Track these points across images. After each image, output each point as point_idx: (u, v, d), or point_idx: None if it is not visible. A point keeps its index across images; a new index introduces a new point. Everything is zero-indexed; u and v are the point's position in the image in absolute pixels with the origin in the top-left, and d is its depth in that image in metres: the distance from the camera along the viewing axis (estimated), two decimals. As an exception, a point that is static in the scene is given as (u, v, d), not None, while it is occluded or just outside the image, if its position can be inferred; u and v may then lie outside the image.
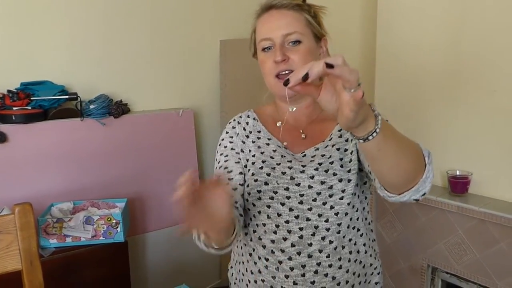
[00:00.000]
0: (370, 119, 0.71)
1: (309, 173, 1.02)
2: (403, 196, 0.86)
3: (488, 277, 1.80)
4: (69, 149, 2.09)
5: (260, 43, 1.07)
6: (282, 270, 1.03)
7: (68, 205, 1.95)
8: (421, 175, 0.84)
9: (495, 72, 1.79)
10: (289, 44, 1.04)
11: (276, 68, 1.04)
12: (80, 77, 2.18)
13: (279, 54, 1.02)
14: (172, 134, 2.42)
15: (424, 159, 0.85)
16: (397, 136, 0.79)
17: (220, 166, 1.11)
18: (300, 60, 1.03)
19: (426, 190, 0.86)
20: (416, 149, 0.84)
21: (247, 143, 1.13)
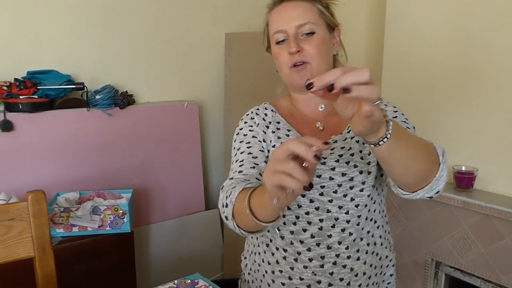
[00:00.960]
0: (382, 126, 0.71)
1: (330, 164, 1.03)
2: (416, 194, 0.88)
3: (492, 272, 1.82)
4: (75, 139, 2.08)
5: (274, 36, 1.07)
6: (301, 261, 1.04)
7: (74, 195, 1.95)
8: (435, 174, 0.85)
9: (502, 69, 1.80)
10: (303, 35, 1.04)
11: (291, 59, 1.04)
12: (86, 67, 2.16)
13: (293, 45, 1.02)
14: (177, 126, 2.41)
15: (438, 158, 0.86)
16: (409, 140, 0.79)
17: (242, 152, 1.08)
18: (314, 51, 1.03)
19: (439, 188, 0.88)
20: (429, 150, 0.85)
21: (268, 134, 1.12)
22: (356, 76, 0.61)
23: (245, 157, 1.06)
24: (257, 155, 1.07)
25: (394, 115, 1.07)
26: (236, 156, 1.10)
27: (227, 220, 0.94)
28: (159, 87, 2.46)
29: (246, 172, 1.01)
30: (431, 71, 2.03)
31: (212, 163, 2.73)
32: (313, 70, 1.04)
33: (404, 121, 1.06)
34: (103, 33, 2.21)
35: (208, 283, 1.14)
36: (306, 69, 1.04)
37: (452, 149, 1.99)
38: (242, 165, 1.04)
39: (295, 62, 1.03)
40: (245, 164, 1.04)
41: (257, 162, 1.05)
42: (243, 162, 1.05)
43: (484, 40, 1.83)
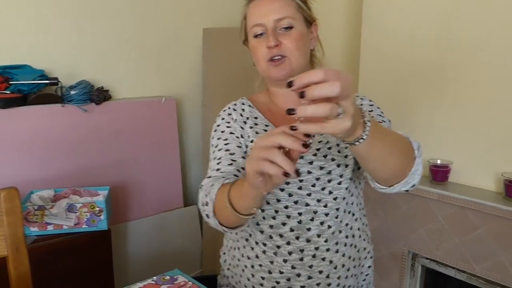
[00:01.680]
0: (358, 126, 0.71)
1: (308, 158, 1.03)
2: (393, 188, 0.90)
3: (466, 262, 1.86)
4: (49, 135, 2.03)
5: (251, 29, 1.07)
6: (280, 255, 1.04)
7: (49, 192, 1.90)
8: (411, 168, 0.86)
9: (477, 65, 1.83)
10: (281, 29, 1.04)
11: (269, 53, 1.04)
12: (60, 62, 2.12)
13: (272, 39, 1.02)
14: (154, 122, 2.39)
15: (414, 152, 0.87)
16: (386, 137, 0.80)
17: (220, 149, 1.08)
18: (293, 45, 1.03)
19: (415, 182, 0.90)
20: (405, 145, 0.86)
21: (246, 129, 1.12)
22: (326, 90, 0.60)
23: (222, 154, 1.06)
24: (234, 151, 1.07)
25: (370, 109, 1.08)
26: (214, 154, 1.09)
27: (209, 218, 0.94)
28: (136, 82, 2.42)
29: (224, 170, 1.01)
30: (407, 66, 2.06)
31: (190, 159, 2.71)
32: (291, 64, 1.04)
33: (379, 114, 1.07)
34: (78, 27, 2.16)
35: (188, 279, 1.13)
36: (285, 63, 1.04)
37: (428, 143, 2.02)
38: (220, 163, 1.04)
39: (273, 56, 1.03)
40: (223, 162, 1.04)
41: (235, 159, 1.05)
42: (220, 160, 1.05)
43: (460, 36, 1.87)
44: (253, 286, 1.09)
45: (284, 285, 1.05)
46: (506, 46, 1.74)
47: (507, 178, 1.75)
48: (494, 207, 1.73)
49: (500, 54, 1.76)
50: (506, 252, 1.74)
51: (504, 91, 1.76)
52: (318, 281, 1.04)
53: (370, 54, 2.21)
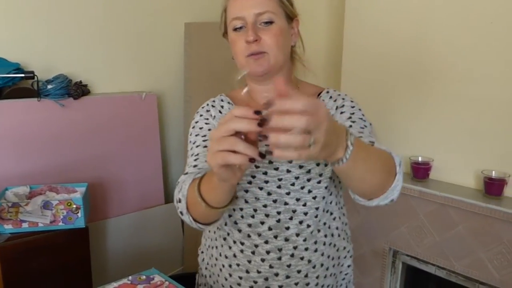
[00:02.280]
0: (339, 149, 0.71)
1: None
2: (372, 201, 0.90)
3: (446, 259, 1.87)
4: (25, 130, 1.98)
5: (231, 23, 1.04)
6: (258, 254, 1.02)
7: (24, 189, 1.86)
8: (391, 184, 0.86)
9: (457, 64, 1.84)
10: (261, 24, 1.01)
11: (248, 48, 1.01)
12: (37, 55, 2.06)
13: (251, 34, 0.99)
14: (134, 117, 2.35)
15: (395, 168, 0.87)
16: (368, 157, 0.80)
17: (197, 146, 1.06)
18: (272, 41, 1.00)
19: (394, 197, 0.89)
20: (386, 162, 0.86)
21: None
22: (292, 123, 0.60)
23: (200, 150, 1.04)
24: None
25: (351, 111, 1.06)
26: (191, 150, 1.07)
27: (183, 216, 0.93)
28: (115, 77, 2.38)
29: (201, 166, 0.99)
30: (389, 64, 2.05)
31: (171, 155, 2.67)
32: (270, 60, 1.01)
33: (361, 118, 1.05)
34: (56, 19, 2.11)
35: (164, 278, 1.10)
36: (264, 58, 1.01)
37: (409, 140, 2.03)
38: (197, 159, 1.02)
39: (252, 52, 1.01)
40: (200, 158, 1.02)
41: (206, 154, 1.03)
42: (198, 156, 1.03)
43: (441, 35, 1.87)
44: (231, 285, 1.07)
45: (262, 284, 1.03)
46: (486, 44, 1.75)
47: (486, 175, 1.76)
48: (474, 204, 1.74)
49: (481, 53, 1.77)
50: (485, 249, 1.75)
51: (485, 89, 1.77)
52: (296, 280, 1.02)
53: (352, 51, 2.20)
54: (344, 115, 1.04)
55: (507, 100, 1.72)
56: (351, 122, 1.03)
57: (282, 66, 1.05)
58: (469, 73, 1.81)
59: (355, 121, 1.03)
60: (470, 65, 1.81)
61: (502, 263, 1.72)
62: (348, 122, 1.02)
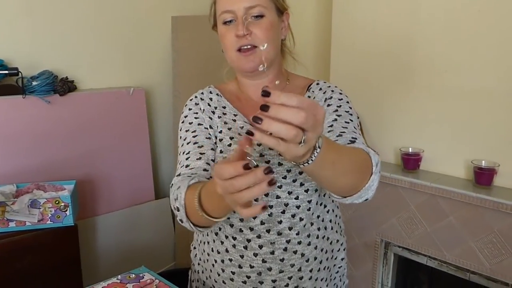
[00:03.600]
0: (307, 152, 0.67)
1: None
2: (346, 199, 0.88)
3: (438, 249, 1.88)
4: (10, 128, 1.94)
5: (221, 16, 1.02)
6: (250, 249, 1.01)
7: (11, 188, 1.82)
8: (365, 184, 0.84)
9: (446, 54, 1.84)
10: (252, 17, 1.00)
11: (238, 42, 0.99)
12: (21, 51, 2.02)
13: (241, 28, 0.97)
14: (122, 113, 2.31)
15: (371, 168, 0.85)
16: (339, 160, 0.76)
17: (188, 143, 1.04)
18: (263, 35, 0.99)
19: (368, 197, 0.88)
20: (362, 163, 0.84)
21: (214, 119, 1.08)
22: (290, 116, 0.58)
23: (191, 148, 1.02)
24: (203, 143, 1.03)
25: (338, 103, 1.04)
26: (182, 147, 1.05)
27: (183, 223, 0.92)
28: (102, 72, 2.34)
29: (193, 166, 0.98)
30: (378, 56, 2.05)
31: (161, 151, 2.65)
32: (261, 55, 1.00)
33: (347, 111, 1.04)
34: (40, 14, 2.06)
35: (154, 276, 1.09)
36: (255, 54, 1.00)
37: (399, 132, 2.03)
38: (189, 158, 1.00)
39: (242, 45, 0.99)
40: (191, 156, 1.00)
41: (203, 151, 1.02)
42: (189, 154, 1.01)
43: (429, 27, 1.87)
44: (223, 281, 1.06)
45: (255, 279, 1.02)
46: (474, 34, 1.75)
47: (476, 165, 1.77)
48: (464, 195, 1.75)
49: (468, 43, 1.77)
50: (475, 239, 1.76)
51: (473, 79, 1.78)
52: (289, 274, 1.02)
53: (340, 44, 2.19)
54: (330, 108, 1.03)
55: (495, 90, 1.73)
56: (337, 115, 1.02)
57: (273, 61, 1.04)
58: (456, 64, 1.81)
59: (340, 115, 1.02)
60: (457, 56, 1.81)
61: (493, 252, 1.73)
62: (334, 115, 1.01)
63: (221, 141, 1.05)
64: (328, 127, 0.99)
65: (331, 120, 1.00)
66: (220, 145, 1.04)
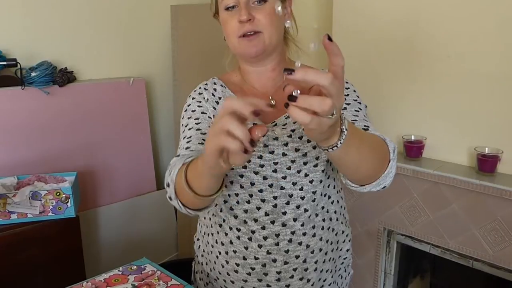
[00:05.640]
0: (334, 134, 0.69)
1: (283, 140, 0.99)
2: (364, 188, 0.89)
3: (441, 237, 1.88)
4: (10, 120, 1.93)
5: (223, 2, 1.00)
6: (255, 240, 1.00)
7: (12, 180, 1.81)
8: (384, 171, 0.85)
9: (448, 39, 1.81)
10: (254, 3, 0.98)
11: (241, 28, 0.97)
12: (19, 41, 1.99)
13: (244, 13, 0.95)
14: (122, 103, 2.30)
15: (389, 155, 0.86)
16: (362, 144, 0.78)
17: (190, 128, 1.02)
18: (267, 20, 0.97)
19: (386, 184, 0.89)
20: (380, 149, 0.85)
21: (218, 109, 1.06)
22: (317, 106, 0.59)
23: (193, 133, 1.01)
24: (205, 131, 1.01)
25: (346, 92, 1.03)
26: (184, 133, 1.04)
27: (172, 201, 0.90)
28: (102, 63, 2.31)
29: (194, 148, 0.96)
30: (380, 44, 2.02)
31: (162, 141, 2.64)
32: (265, 40, 0.98)
33: (355, 99, 1.03)
34: (38, 4, 2.03)
35: (156, 268, 1.08)
36: (259, 39, 0.98)
37: (402, 119, 2.01)
38: (190, 141, 0.99)
39: (246, 32, 0.97)
40: (193, 140, 0.98)
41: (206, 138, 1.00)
42: (191, 138, 0.99)
43: (429, 13, 1.84)
44: (228, 272, 1.05)
45: (260, 271, 1.01)
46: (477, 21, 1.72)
47: (479, 152, 1.76)
48: (467, 182, 1.74)
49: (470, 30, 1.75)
50: (479, 226, 1.76)
51: (476, 65, 1.76)
52: (294, 266, 1.01)
53: (342, 31, 2.16)
54: None
55: (498, 76, 1.71)
56: (346, 104, 1.01)
57: (276, 47, 1.02)
58: (459, 50, 1.79)
59: (349, 103, 1.01)
60: (459, 42, 1.79)
61: (496, 240, 1.73)
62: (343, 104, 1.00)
63: None
64: None
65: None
66: None
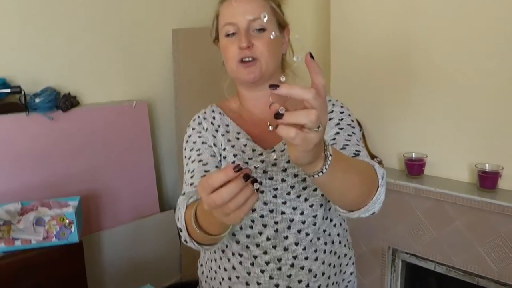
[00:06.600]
0: (319, 159, 0.69)
1: (281, 166, 1.00)
2: (353, 214, 0.89)
3: (445, 255, 1.87)
4: (14, 146, 1.95)
5: (224, 28, 1.03)
6: (257, 265, 1.00)
7: (16, 206, 1.82)
8: (372, 197, 0.85)
9: (446, 57, 1.83)
10: (254, 31, 1.01)
11: (240, 54, 1.00)
12: (23, 68, 2.02)
13: (244, 40, 0.98)
14: (125, 127, 2.32)
15: (378, 181, 0.86)
16: (348, 170, 0.78)
17: (193, 161, 1.04)
18: (265, 48, 1.00)
19: (375, 210, 0.89)
20: (368, 175, 0.85)
21: (218, 137, 1.08)
22: (303, 119, 0.60)
23: (195, 166, 1.03)
24: (207, 161, 1.04)
25: (340, 116, 1.05)
26: (187, 166, 1.06)
27: (187, 243, 0.92)
28: (104, 87, 2.35)
29: (197, 183, 0.97)
30: (377, 63, 2.05)
31: (165, 163, 2.65)
32: (262, 67, 1.01)
33: (349, 124, 1.04)
34: (41, 31, 2.07)
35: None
36: (255, 66, 1.01)
37: (402, 137, 2.02)
38: (193, 176, 1.01)
39: (244, 57, 1.00)
40: (196, 174, 1.01)
41: (208, 169, 1.02)
42: (193, 173, 1.02)
43: (427, 30, 1.86)
44: (231, 298, 1.06)
45: (263, 296, 1.01)
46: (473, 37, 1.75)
47: (480, 169, 1.76)
48: (469, 199, 1.74)
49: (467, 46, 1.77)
50: (482, 243, 1.75)
51: (474, 82, 1.77)
52: (297, 290, 1.01)
53: (340, 52, 2.19)
54: (332, 121, 1.04)
55: (496, 93, 1.72)
56: (339, 128, 1.02)
57: (273, 73, 1.05)
58: (456, 68, 1.81)
59: (343, 128, 1.02)
60: (457, 59, 1.81)
61: (500, 256, 1.72)
62: (336, 128, 1.02)
63: (225, 158, 1.05)
64: (331, 140, 1.00)
65: (334, 133, 1.01)
66: (224, 162, 1.04)
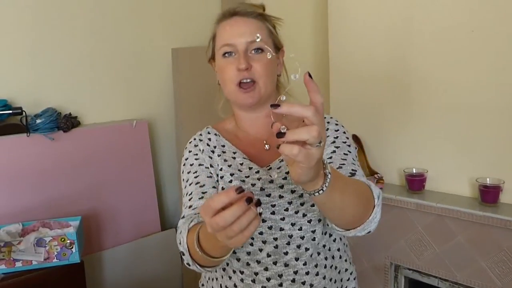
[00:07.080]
0: (319, 178, 0.70)
1: (278, 182, 1.01)
2: (349, 232, 0.90)
3: (448, 270, 1.85)
4: (16, 167, 1.96)
5: (221, 49, 1.05)
6: (258, 282, 1.00)
7: (17, 227, 1.83)
8: (368, 216, 0.86)
9: (444, 73, 1.85)
10: (252, 52, 1.02)
11: (238, 75, 1.01)
12: (24, 90, 2.05)
13: (243, 62, 0.99)
14: (126, 146, 2.33)
15: (374, 201, 0.87)
16: (346, 189, 0.80)
17: (190, 183, 1.05)
18: (262, 69, 1.02)
19: (371, 229, 0.90)
20: (364, 195, 0.86)
21: (214, 158, 1.09)
22: (304, 135, 0.62)
23: (193, 188, 1.04)
24: (204, 182, 1.04)
25: (335, 134, 1.06)
26: (185, 189, 1.07)
27: (190, 266, 0.92)
28: (105, 106, 2.37)
29: (195, 205, 0.99)
30: (377, 80, 2.06)
31: (165, 182, 2.65)
32: (261, 90, 1.03)
33: (344, 141, 1.05)
34: (41, 52, 2.10)
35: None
36: (254, 90, 1.02)
37: (402, 152, 2.03)
38: (191, 198, 1.01)
39: (243, 79, 1.01)
40: (194, 197, 1.01)
41: (205, 190, 1.03)
42: (192, 195, 1.02)
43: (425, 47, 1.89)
44: (233, 316, 1.05)
45: (265, 312, 1.01)
46: (471, 53, 1.77)
47: (481, 183, 1.76)
48: (470, 214, 1.74)
49: (466, 62, 1.78)
50: (485, 258, 1.74)
51: (473, 97, 1.78)
52: (299, 306, 1.01)
53: (339, 70, 2.21)
54: (328, 139, 1.05)
55: (496, 107, 1.73)
56: (335, 147, 1.03)
57: (270, 95, 1.07)
58: (455, 83, 1.82)
59: (338, 146, 1.03)
60: (456, 75, 1.82)
61: (504, 271, 1.71)
62: (332, 147, 1.03)
63: (222, 178, 1.05)
64: (327, 159, 1.00)
65: (330, 152, 1.02)
66: (222, 182, 1.05)
